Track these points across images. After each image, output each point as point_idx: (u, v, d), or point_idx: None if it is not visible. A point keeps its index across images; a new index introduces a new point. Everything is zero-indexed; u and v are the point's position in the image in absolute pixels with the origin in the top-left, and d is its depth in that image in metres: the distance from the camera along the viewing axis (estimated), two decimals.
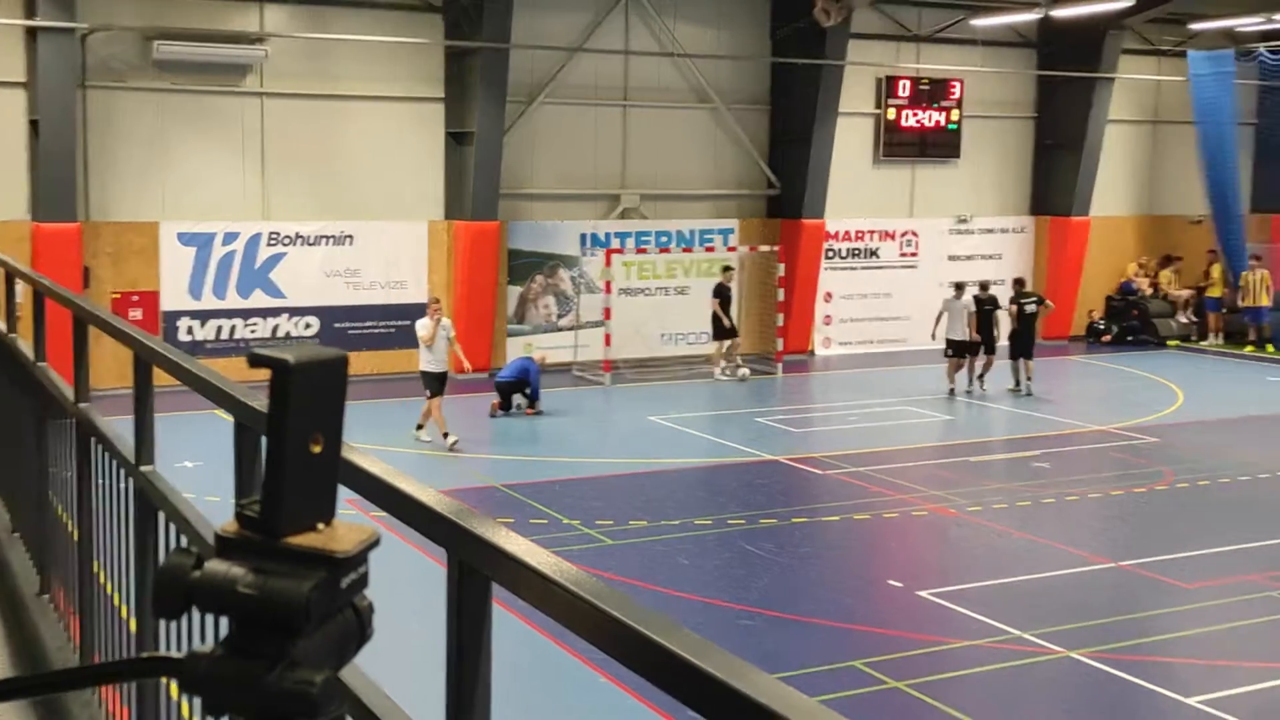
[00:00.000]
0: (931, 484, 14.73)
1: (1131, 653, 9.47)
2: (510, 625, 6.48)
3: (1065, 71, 25.58)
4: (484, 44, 20.18)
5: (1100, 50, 25.31)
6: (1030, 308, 20.97)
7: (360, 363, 20.67)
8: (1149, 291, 27.61)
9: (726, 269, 22.24)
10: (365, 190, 20.84)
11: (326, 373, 1.02)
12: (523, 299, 22.30)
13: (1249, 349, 25.90)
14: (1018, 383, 20.72)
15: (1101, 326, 27.13)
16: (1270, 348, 25.83)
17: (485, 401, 18.46)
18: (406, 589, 8.76)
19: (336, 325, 20.75)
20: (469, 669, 1.79)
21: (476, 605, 1.78)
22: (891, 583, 11.17)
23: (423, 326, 16.28)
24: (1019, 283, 22.20)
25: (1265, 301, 26.03)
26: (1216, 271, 27.17)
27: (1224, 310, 27.08)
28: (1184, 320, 27.39)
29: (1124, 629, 9.98)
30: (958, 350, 20.68)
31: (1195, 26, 26.30)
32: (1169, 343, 26.72)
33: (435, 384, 16.02)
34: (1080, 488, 14.60)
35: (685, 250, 23.28)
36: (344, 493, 1.89)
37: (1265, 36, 25.98)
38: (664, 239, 23.18)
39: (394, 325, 21.21)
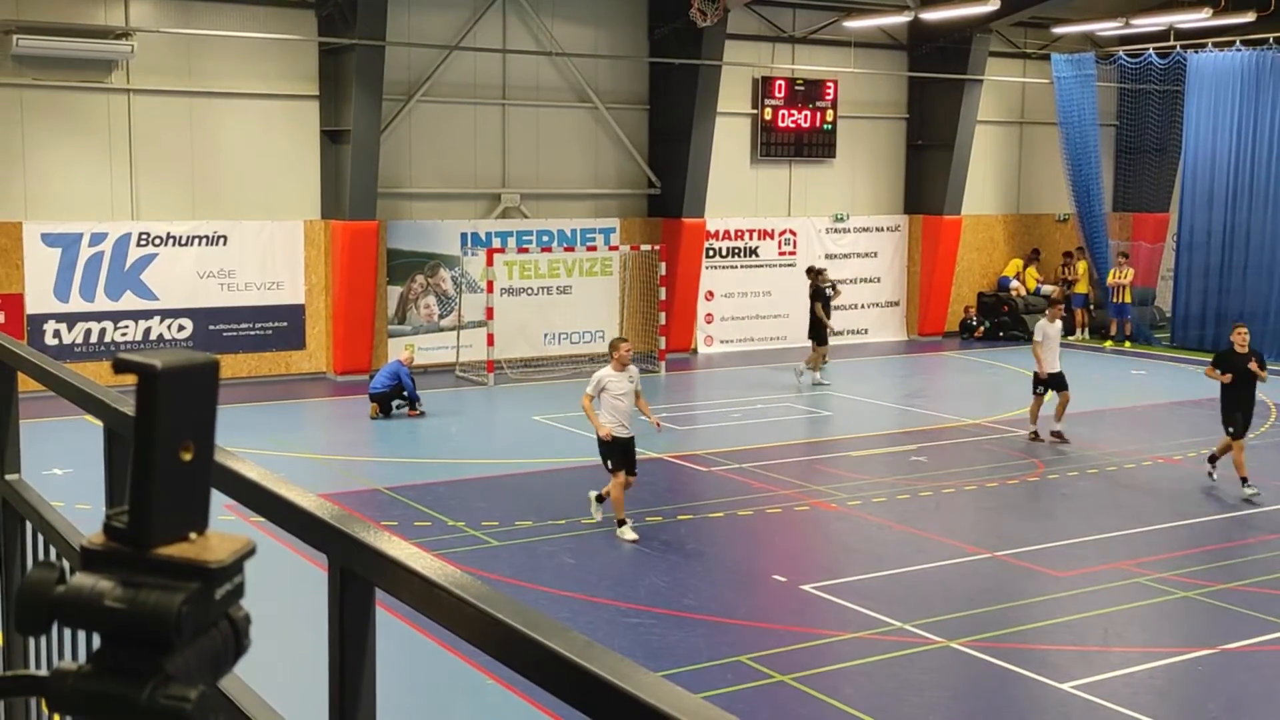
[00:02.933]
0: (813, 479, 14.94)
1: (1009, 641, 9.72)
2: (395, 629, 6.41)
3: (935, 73, 26.15)
4: (359, 41, 19.91)
5: (968, 53, 25.93)
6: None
7: (236, 365, 20.26)
8: (1038, 288, 28.39)
9: (818, 272, 21.96)
10: (239, 189, 20.42)
11: (196, 378, 0.99)
12: (403, 299, 22.05)
13: (1108, 344, 26.79)
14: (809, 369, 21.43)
15: (974, 323, 27.81)
16: (1128, 343, 26.75)
17: (364, 404, 18.22)
18: (290, 595, 8.61)
19: (211, 327, 20.28)
20: (352, 675, 1.76)
21: (359, 611, 1.74)
22: (776, 577, 11.30)
23: (614, 382, 12.04)
24: (819, 273, 22.44)
25: (1128, 298, 26.97)
26: (1081, 268, 28.05)
27: (1089, 306, 27.98)
28: None
29: (1001, 618, 10.24)
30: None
31: (1058, 30, 27.12)
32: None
33: (623, 458, 12.02)
34: (956, 480, 14.93)
35: (567, 250, 23.26)
36: (222, 499, 1.84)
37: (1124, 40, 26.89)
38: (545, 238, 23.13)
39: (270, 327, 20.82)
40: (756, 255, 25.58)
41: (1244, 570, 11.52)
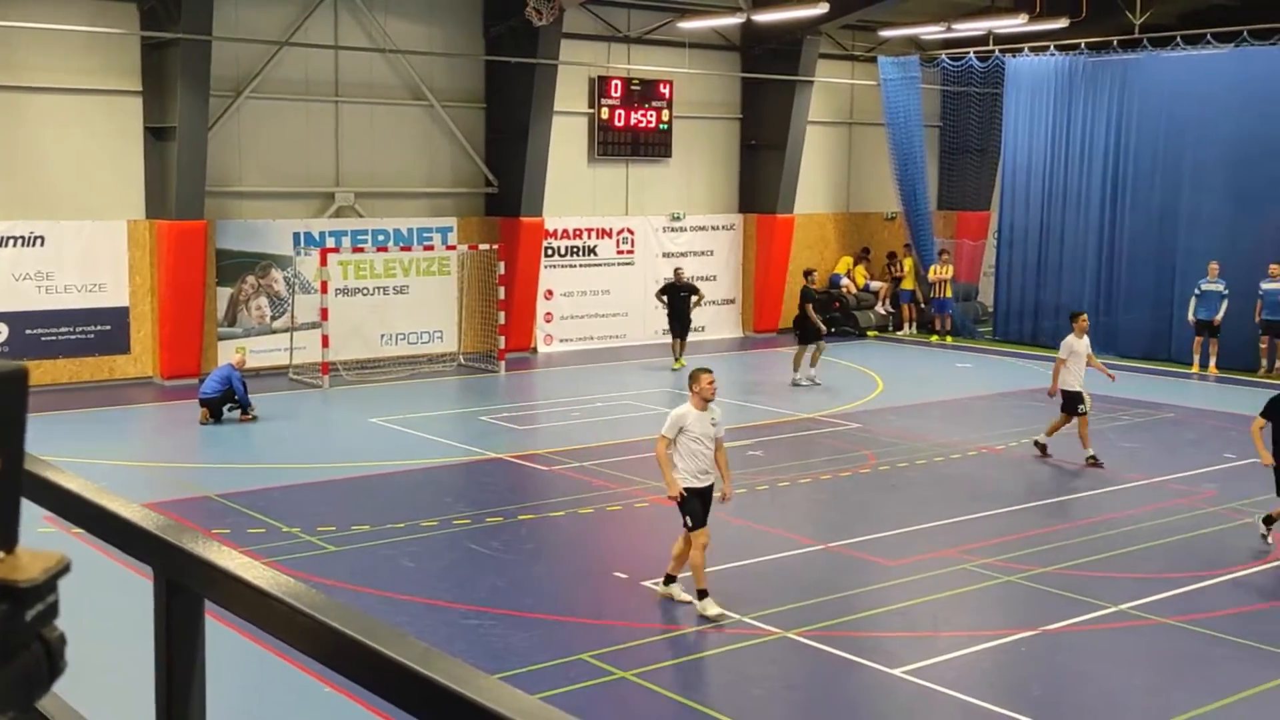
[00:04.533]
0: (653, 476, 15.04)
1: (843, 629, 9.97)
2: (228, 641, 6.24)
3: (767, 74, 26.63)
4: (183, 36, 19.31)
5: (799, 55, 26.48)
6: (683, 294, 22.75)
7: (56, 371, 19.45)
8: (866, 285, 29.15)
9: (809, 272, 22.41)
10: (57, 188, 19.60)
11: (3, 388, 0.95)
12: (233, 301, 21.47)
13: (934, 339, 27.70)
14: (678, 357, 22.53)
15: None
16: (950, 337, 27.69)
17: (194, 409, 17.69)
18: (116, 610, 8.33)
19: (29, 332, 19.42)
20: (180, 692, 1.72)
21: (187, 624, 1.70)
22: (617, 574, 11.36)
23: (696, 422, 10.07)
24: (676, 272, 23.43)
25: (948, 294, 27.92)
26: (909, 265, 28.91)
27: (917, 302, 28.88)
28: (881, 312, 29.03)
29: (835, 607, 10.49)
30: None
31: (884, 34, 27.88)
32: (869, 333, 28.26)
33: (705, 512, 10.17)
34: (792, 473, 15.24)
35: (404, 249, 22.97)
36: (42, 512, 1.78)
37: (946, 44, 27.80)
38: (381, 237, 22.80)
39: (92, 331, 20.07)
40: (595, 254, 25.67)
41: (1062, 554, 12.03)
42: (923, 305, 28.77)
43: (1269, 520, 12.29)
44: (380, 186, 22.92)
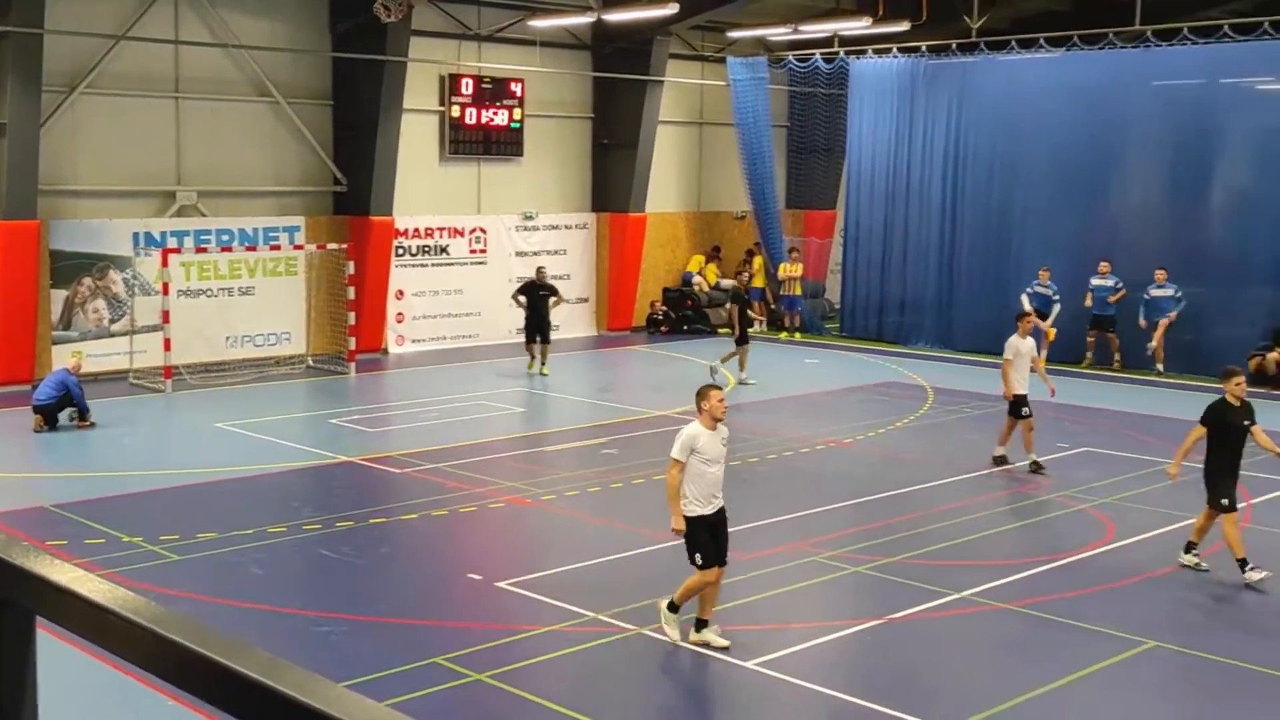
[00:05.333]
0: (507, 475, 15.02)
1: None
2: (67, 658, 6.03)
3: (618, 74, 26.75)
4: (13, 29, 18.54)
5: (650, 54, 26.66)
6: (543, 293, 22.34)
7: None
8: (718, 283, 29.47)
9: (740, 273, 22.09)
10: None
11: None
12: (69, 303, 20.69)
13: (784, 335, 28.19)
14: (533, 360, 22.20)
15: (660, 317, 28.64)
16: (799, 334, 28.22)
17: (27, 416, 17.01)
18: None
19: None
20: (10, 714, 1.66)
21: (17, 643, 1.64)
22: (471, 576, 11.30)
23: (708, 443, 9.47)
24: (539, 271, 23.06)
25: (798, 291, 28.44)
26: (758, 263, 29.36)
27: (767, 300, 29.32)
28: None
29: (689, 603, 10.58)
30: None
31: (733, 35, 28.25)
32: (720, 330, 28.59)
33: (715, 543, 9.54)
34: (646, 471, 15.34)
35: (249, 249, 22.43)
36: None
37: (793, 46, 28.28)
38: (225, 237, 22.23)
39: None
40: (447, 253, 25.45)
41: (908, 544, 12.37)
42: (772, 304, 29.25)
43: (1190, 547, 11.67)
44: (224, 185, 22.35)
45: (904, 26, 25.63)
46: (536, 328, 22.19)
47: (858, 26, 25.45)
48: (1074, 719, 8.59)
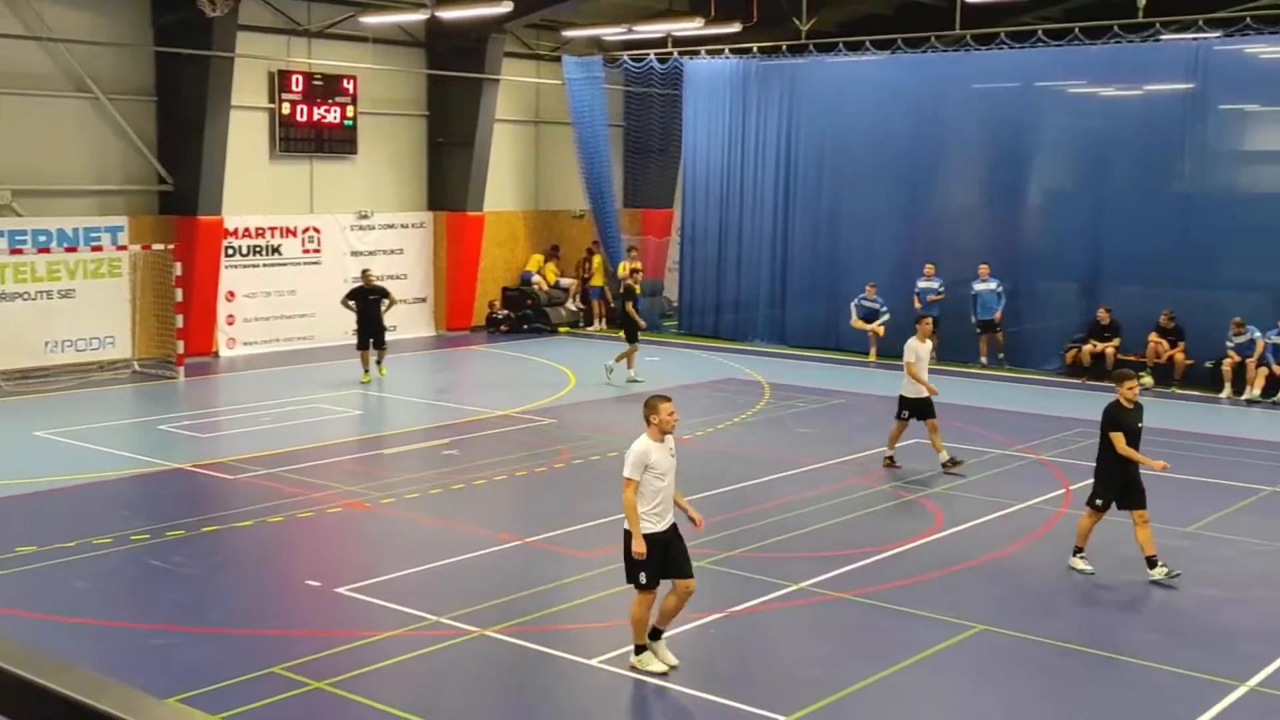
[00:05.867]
0: (345, 479, 14.77)
1: (541, 623, 10.08)
2: None
3: (453, 71, 26.54)
4: None
5: (484, 52, 26.52)
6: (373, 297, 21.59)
7: None
8: (557, 282, 29.46)
9: (635, 270, 21.85)
10: None
11: None
12: None
13: (623, 333, 28.29)
14: (367, 369, 21.44)
15: (500, 316, 28.52)
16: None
17: None
18: None
19: None
20: None
21: None
22: (309, 582, 11.08)
23: (658, 456, 8.99)
24: (364, 274, 22.34)
25: (637, 289, 28.58)
26: (598, 262, 29.49)
27: (606, 299, 29.48)
28: (572, 308, 29.48)
29: (533, 602, 10.59)
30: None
31: (568, 34, 28.28)
32: (560, 329, 28.64)
33: (660, 563, 9.06)
34: (488, 471, 15.27)
35: (69, 250, 21.56)
36: None
37: (628, 45, 28.46)
38: (43, 238, 21.32)
39: None
40: (279, 253, 24.89)
41: (747, 538, 12.58)
42: (611, 302, 29.40)
43: (1152, 562, 11.33)
44: (41, 184, 21.43)
45: (736, 28, 26.01)
46: (370, 332, 21.54)
47: (691, 27, 25.73)
48: (906, 702, 8.86)
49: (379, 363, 21.76)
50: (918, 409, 15.42)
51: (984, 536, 12.83)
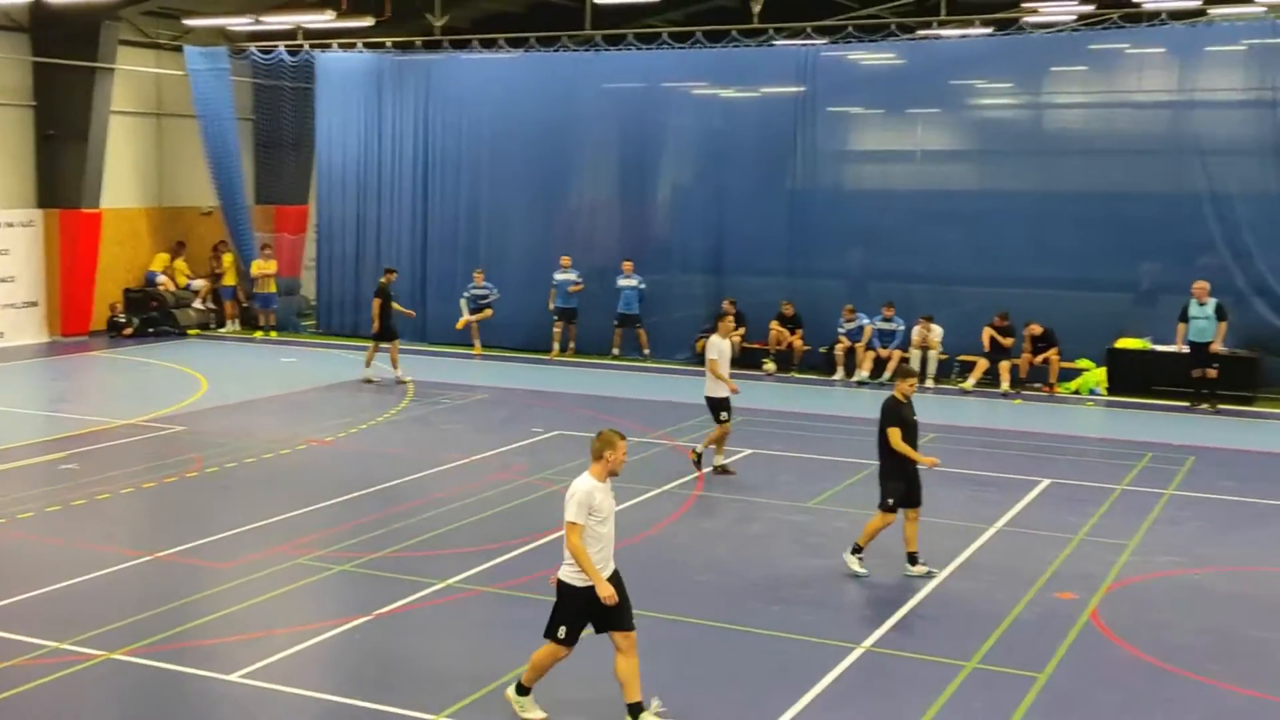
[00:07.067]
0: (12, 491, 13.56)
1: (175, 641, 9.63)
2: None
3: (62, 60, 24.83)
4: None
5: (97, 40, 24.96)
6: None
7: None
8: (185, 283, 28.10)
9: (390, 270, 21.90)
10: None
11: None
12: None
13: (258, 334, 27.48)
14: None
15: (122, 320, 26.93)
16: (274, 333, 27.64)
17: None
18: None
19: None
20: None
21: None
22: None
23: (603, 499, 8.14)
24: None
25: (272, 289, 27.79)
26: (229, 261, 28.36)
27: (239, 298, 28.42)
28: (201, 308, 28.24)
29: (166, 619, 10.10)
30: None
31: (189, 23, 27.02)
32: (190, 332, 27.37)
33: (582, 614, 8.26)
34: (112, 485, 14.42)
35: None
36: None
37: (255, 37, 27.50)
38: None
39: None
40: None
41: (392, 538, 12.49)
42: (244, 302, 28.38)
43: (913, 559, 11.57)
44: None
45: (369, 22, 25.63)
46: None
47: (321, 20, 25.17)
48: (550, 687, 9.06)
49: None
50: (719, 407, 15.15)
51: (623, 522, 13.25)
